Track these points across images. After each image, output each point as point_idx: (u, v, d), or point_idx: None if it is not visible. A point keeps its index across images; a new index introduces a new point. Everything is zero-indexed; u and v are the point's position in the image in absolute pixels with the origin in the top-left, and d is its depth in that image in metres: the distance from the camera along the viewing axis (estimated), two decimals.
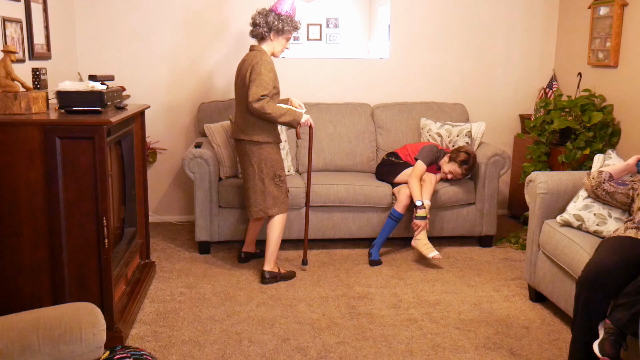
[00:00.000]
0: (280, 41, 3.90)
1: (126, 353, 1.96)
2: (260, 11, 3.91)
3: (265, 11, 3.88)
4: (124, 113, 3.18)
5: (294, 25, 3.90)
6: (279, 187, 3.88)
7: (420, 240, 4.16)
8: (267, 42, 3.89)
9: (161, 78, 5.04)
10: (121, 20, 4.91)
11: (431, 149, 4.46)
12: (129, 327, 3.20)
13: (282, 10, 3.88)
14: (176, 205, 5.27)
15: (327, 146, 4.86)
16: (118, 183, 3.47)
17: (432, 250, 4.12)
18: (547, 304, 3.61)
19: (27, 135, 2.77)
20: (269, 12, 3.87)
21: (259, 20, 3.86)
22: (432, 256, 4.09)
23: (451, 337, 3.21)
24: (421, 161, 4.34)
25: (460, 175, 4.40)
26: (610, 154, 3.55)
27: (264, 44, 3.89)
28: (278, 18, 3.84)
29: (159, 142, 5.10)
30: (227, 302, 3.61)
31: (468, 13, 5.20)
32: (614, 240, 2.89)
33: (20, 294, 2.89)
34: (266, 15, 3.85)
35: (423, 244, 4.15)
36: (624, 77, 4.35)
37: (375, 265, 4.22)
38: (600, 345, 2.59)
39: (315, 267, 4.20)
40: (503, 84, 5.36)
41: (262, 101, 3.66)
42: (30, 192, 2.81)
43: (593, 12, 4.69)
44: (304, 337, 3.20)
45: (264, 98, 3.66)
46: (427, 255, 4.12)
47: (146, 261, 4.02)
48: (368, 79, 5.23)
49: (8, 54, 2.98)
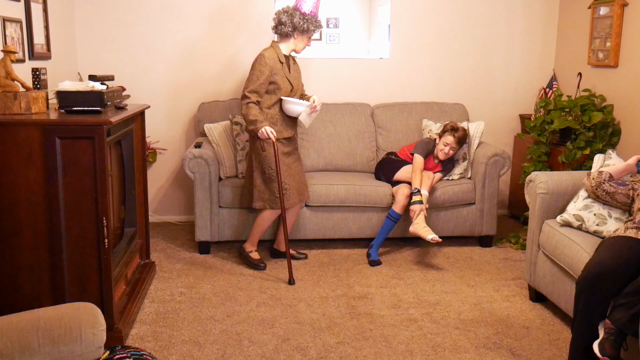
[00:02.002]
0: (303, 39, 4.03)
1: (126, 353, 1.96)
2: (285, 9, 4.00)
3: (291, 10, 3.98)
4: (124, 113, 3.18)
5: (318, 24, 4.04)
6: (267, 183, 3.98)
7: (419, 224, 4.14)
8: (289, 40, 4.02)
9: (161, 78, 5.04)
10: (121, 20, 4.91)
11: (424, 141, 4.54)
12: (129, 327, 3.20)
13: (307, 9, 3.97)
14: (176, 205, 5.27)
15: (327, 146, 4.86)
16: (118, 183, 3.47)
17: (430, 232, 4.10)
18: (547, 304, 3.61)
19: (27, 135, 2.78)
20: (294, 11, 3.97)
21: (285, 19, 3.97)
22: (431, 238, 4.06)
23: (451, 337, 3.21)
24: (417, 154, 4.39)
25: (454, 143, 4.42)
26: (610, 154, 3.55)
27: (285, 42, 4.03)
28: (303, 18, 3.96)
29: (159, 142, 5.10)
30: (227, 302, 3.61)
31: (468, 13, 5.20)
32: (614, 241, 2.89)
33: (20, 294, 2.89)
34: (292, 15, 3.95)
35: (422, 227, 4.12)
36: (624, 77, 4.35)
37: (375, 265, 4.22)
38: (600, 345, 2.59)
39: (315, 267, 4.20)
40: (503, 84, 5.36)
41: (243, 101, 3.90)
42: (30, 192, 2.82)
43: (593, 12, 4.69)
44: (304, 337, 3.20)
45: (247, 99, 3.88)
46: (426, 237, 4.07)
47: (146, 261, 4.02)
48: (368, 79, 5.23)
49: (8, 54, 2.98)
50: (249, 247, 4.24)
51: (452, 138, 4.42)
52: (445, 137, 4.45)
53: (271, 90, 3.96)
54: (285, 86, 3.99)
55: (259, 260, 4.17)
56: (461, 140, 4.46)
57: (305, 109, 3.96)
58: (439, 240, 4.10)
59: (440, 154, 4.47)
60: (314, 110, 4.00)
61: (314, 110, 4.01)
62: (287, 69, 4.02)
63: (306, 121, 4.04)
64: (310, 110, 3.98)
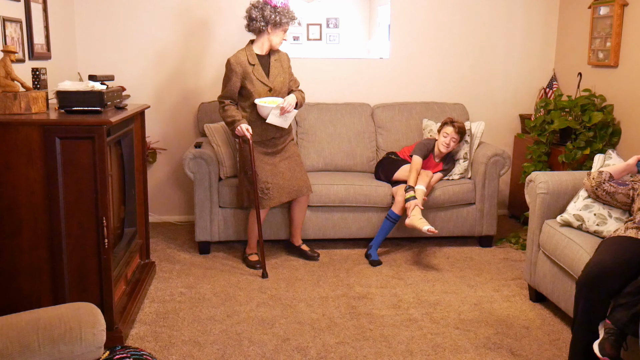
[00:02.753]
0: (277, 33, 3.97)
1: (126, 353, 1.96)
2: (254, 4, 3.93)
3: (261, 4, 3.92)
4: (124, 113, 3.18)
5: (291, 16, 3.97)
6: (250, 183, 4.03)
7: (415, 216, 4.13)
8: (264, 36, 3.96)
9: (161, 78, 5.04)
10: (121, 20, 4.91)
11: (423, 142, 4.54)
12: (129, 327, 3.20)
13: (278, 2, 3.91)
14: (176, 205, 5.27)
15: (327, 146, 4.86)
16: (118, 183, 3.47)
17: (426, 223, 4.08)
18: (547, 304, 3.61)
19: (27, 135, 2.77)
20: (264, 5, 3.91)
21: (255, 14, 3.91)
22: (427, 229, 4.05)
23: (451, 337, 3.21)
24: (416, 155, 4.40)
25: (454, 133, 4.40)
26: (610, 154, 3.55)
27: (261, 38, 3.97)
28: (275, 11, 3.89)
29: (159, 142, 5.10)
30: (227, 302, 3.61)
31: (468, 13, 5.20)
32: (614, 240, 2.89)
33: (20, 294, 2.89)
34: (262, 9, 3.89)
35: (418, 219, 4.10)
36: (624, 77, 4.35)
37: (376, 265, 4.22)
38: (601, 346, 2.58)
39: (315, 267, 4.20)
40: (503, 84, 5.36)
41: (220, 105, 4.02)
42: (30, 192, 2.81)
43: (593, 12, 4.69)
44: (304, 337, 3.20)
45: (222, 103, 3.99)
46: (422, 228, 4.06)
47: (146, 261, 4.01)
48: (368, 79, 5.23)
49: (8, 54, 2.98)
50: (247, 251, 4.31)
51: (451, 128, 4.41)
52: (445, 128, 4.44)
53: (245, 94, 3.98)
54: (258, 89, 3.95)
55: (256, 262, 4.19)
56: (461, 131, 4.43)
57: (273, 111, 3.91)
58: (435, 231, 4.08)
59: (442, 147, 4.45)
60: (284, 111, 3.93)
61: (285, 112, 3.94)
62: (261, 70, 3.97)
63: (279, 122, 3.98)
64: (280, 112, 3.92)
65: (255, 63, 3.96)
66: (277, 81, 4.02)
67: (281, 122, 3.99)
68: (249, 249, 4.30)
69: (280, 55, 4.12)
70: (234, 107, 3.98)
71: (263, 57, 4.03)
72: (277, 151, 4.12)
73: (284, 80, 4.08)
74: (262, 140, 4.05)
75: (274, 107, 3.89)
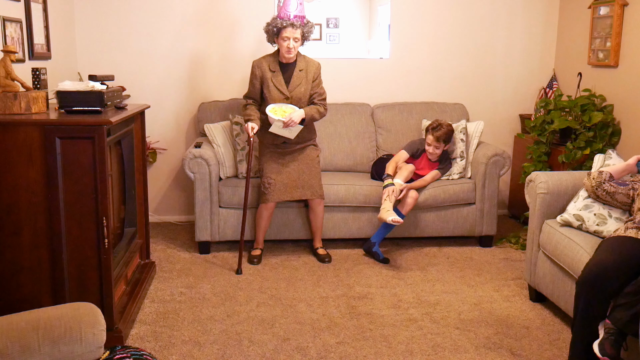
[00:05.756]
0: (279, 42, 4.09)
1: (126, 353, 1.96)
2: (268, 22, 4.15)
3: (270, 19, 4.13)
4: (124, 113, 3.18)
5: (274, 24, 4.07)
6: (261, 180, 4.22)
7: (383, 208, 4.14)
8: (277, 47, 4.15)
9: (161, 78, 5.04)
10: (121, 20, 4.91)
11: (415, 140, 4.61)
12: (129, 327, 3.20)
13: (283, 12, 4.07)
14: (176, 205, 5.27)
15: (327, 146, 4.86)
16: (118, 183, 3.47)
17: (391, 214, 4.07)
18: (547, 304, 3.61)
19: (27, 135, 2.77)
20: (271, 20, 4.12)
21: (265, 28, 4.13)
22: (391, 219, 4.04)
23: (451, 337, 3.21)
24: (403, 150, 4.50)
25: (434, 141, 4.38)
26: (610, 154, 3.55)
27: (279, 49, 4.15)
28: (267, 25, 4.10)
29: (159, 142, 5.10)
30: (227, 302, 3.61)
31: (468, 13, 5.20)
32: (614, 240, 2.89)
33: (20, 294, 2.89)
34: (266, 25, 4.11)
35: (386, 211, 4.09)
36: (624, 77, 4.35)
37: (386, 262, 4.24)
38: (600, 345, 2.59)
39: (315, 267, 4.20)
40: (503, 84, 5.36)
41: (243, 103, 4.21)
42: (30, 192, 2.81)
43: (593, 12, 4.69)
44: (304, 337, 3.20)
45: (245, 101, 4.19)
46: (387, 219, 4.05)
47: (146, 261, 4.02)
48: (368, 79, 5.23)
49: (8, 54, 2.98)
50: (254, 245, 4.38)
51: (431, 137, 4.41)
52: (427, 136, 4.46)
53: (264, 98, 4.15)
54: (274, 96, 4.10)
55: (254, 257, 4.26)
56: (441, 138, 4.39)
57: (276, 123, 4.00)
58: (400, 221, 4.05)
59: (427, 154, 4.49)
60: (287, 125, 4.00)
61: (289, 125, 4.00)
62: (281, 78, 4.09)
63: (283, 133, 4.06)
64: (283, 125, 4.00)
65: (275, 70, 4.10)
66: (296, 91, 4.11)
67: (285, 133, 4.08)
68: (255, 243, 4.38)
69: (308, 66, 4.18)
70: (253, 107, 4.16)
71: (287, 66, 4.14)
72: (290, 152, 4.20)
73: (305, 90, 4.14)
74: (273, 143, 4.18)
75: (277, 119, 3.97)
